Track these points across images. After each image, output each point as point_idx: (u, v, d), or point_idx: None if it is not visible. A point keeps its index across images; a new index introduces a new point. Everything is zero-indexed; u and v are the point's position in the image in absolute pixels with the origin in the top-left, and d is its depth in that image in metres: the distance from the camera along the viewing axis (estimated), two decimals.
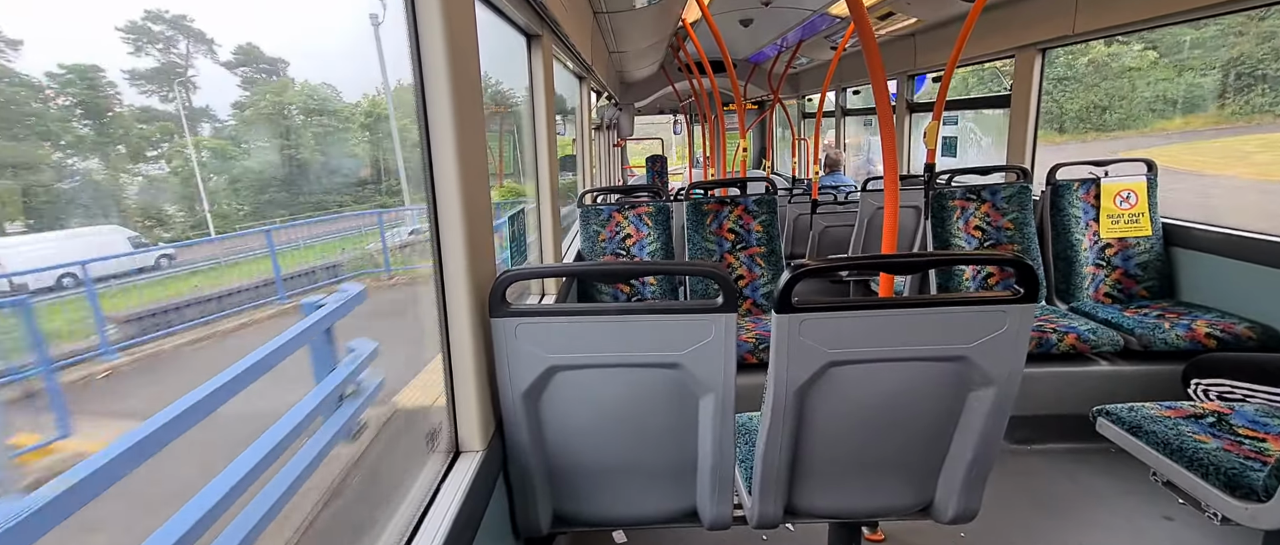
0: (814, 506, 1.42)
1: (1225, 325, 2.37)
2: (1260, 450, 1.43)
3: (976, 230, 3.00)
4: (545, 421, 1.30)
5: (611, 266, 1.27)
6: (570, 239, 3.53)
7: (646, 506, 1.43)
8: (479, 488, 1.15)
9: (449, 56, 1.07)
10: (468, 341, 1.18)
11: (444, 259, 1.15)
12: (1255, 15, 3.20)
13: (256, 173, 2.90)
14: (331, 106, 4.15)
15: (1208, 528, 2.01)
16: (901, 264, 1.34)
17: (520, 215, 2.08)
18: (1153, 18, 2.71)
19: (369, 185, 5.12)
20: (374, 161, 5.36)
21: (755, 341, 2.61)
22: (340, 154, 4.57)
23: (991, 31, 3.70)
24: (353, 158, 4.97)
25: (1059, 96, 6.89)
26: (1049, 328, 2.54)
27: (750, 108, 9.85)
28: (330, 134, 4.15)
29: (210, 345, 2.21)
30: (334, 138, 4.29)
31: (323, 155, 4.07)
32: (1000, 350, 1.18)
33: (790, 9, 4.75)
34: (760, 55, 7.10)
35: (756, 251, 3.03)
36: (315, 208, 4.01)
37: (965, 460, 1.33)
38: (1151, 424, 1.62)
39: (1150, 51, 6.23)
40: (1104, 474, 2.37)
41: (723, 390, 1.23)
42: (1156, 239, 2.85)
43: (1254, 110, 5.33)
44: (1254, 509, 1.30)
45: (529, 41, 2.16)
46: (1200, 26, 5.54)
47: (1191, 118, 5.94)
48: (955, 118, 6.06)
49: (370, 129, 5.39)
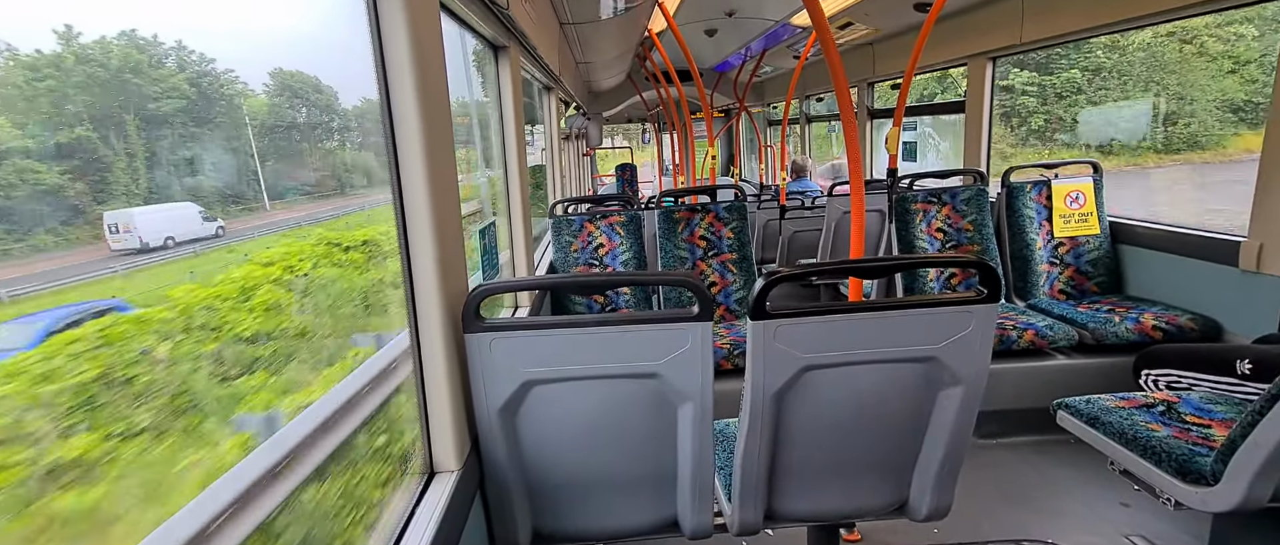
0: (793, 510, 1.43)
1: (1170, 318, 2.51)
2: (1206, 436, 1.51)
3: (939, 232, 3.10)
4: (522, 437, 1.27)
5: (586, 278, 1.27)
6: (542, 250, 3.50)
7: (626, 518, 1.41)
8: (455, 509, 1.12)
9: (415, 69, 1.05)
10: (440, 358, 1.16)
11: (414, 275, 1.12)
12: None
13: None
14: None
15: (1162, 512, 2.11)
16: (873, 268, 1.37)
17: (491, 228, 2.05)
18: (1093, 26, 2.87)
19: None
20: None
21: (730, 347, 2.63)
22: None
23: (945, 41, 3.85)
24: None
25: (1095, 96, 5.57)
26: (1009, 325, 2.64)
27: (717, 115, 9.99)
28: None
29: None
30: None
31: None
32: (967, 349, 1.22)
33: (754, 19, 4.85)
34: (726, 64, 7.22)
35: (728, 258, 3.06)
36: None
37: (937, 458, 1.37)
38: (1107, 415, 1.70)
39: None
40: (1065, 464, 2.46)
41: (701, 398, 1.23)
42: (1104, 237, 3.00)
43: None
44: (1203, 493, 1.37)
45: (496, 53, 2.14)
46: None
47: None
48: (914, 123, 6.27)
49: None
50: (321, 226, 1.38)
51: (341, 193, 1.46)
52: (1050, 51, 3.43)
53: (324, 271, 1.34)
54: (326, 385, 1.04)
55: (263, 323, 1.09)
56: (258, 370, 1.03)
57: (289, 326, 1.20)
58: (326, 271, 1.35)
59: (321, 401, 0.99)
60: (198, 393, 0.90)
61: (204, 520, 0.69)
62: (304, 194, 1.38)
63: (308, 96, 1.46)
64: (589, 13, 3.18)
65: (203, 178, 1.06)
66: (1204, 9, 2.45)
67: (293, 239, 1.28)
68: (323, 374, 1.19)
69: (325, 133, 1.54)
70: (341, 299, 1.42)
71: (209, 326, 1.00)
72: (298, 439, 0.89)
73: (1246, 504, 1.30)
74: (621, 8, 3.17)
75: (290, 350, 1.17)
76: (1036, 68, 8.20)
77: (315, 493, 0.93)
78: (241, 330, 1.05)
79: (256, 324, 1.08)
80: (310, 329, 1.27)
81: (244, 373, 1.01)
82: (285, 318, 1.19)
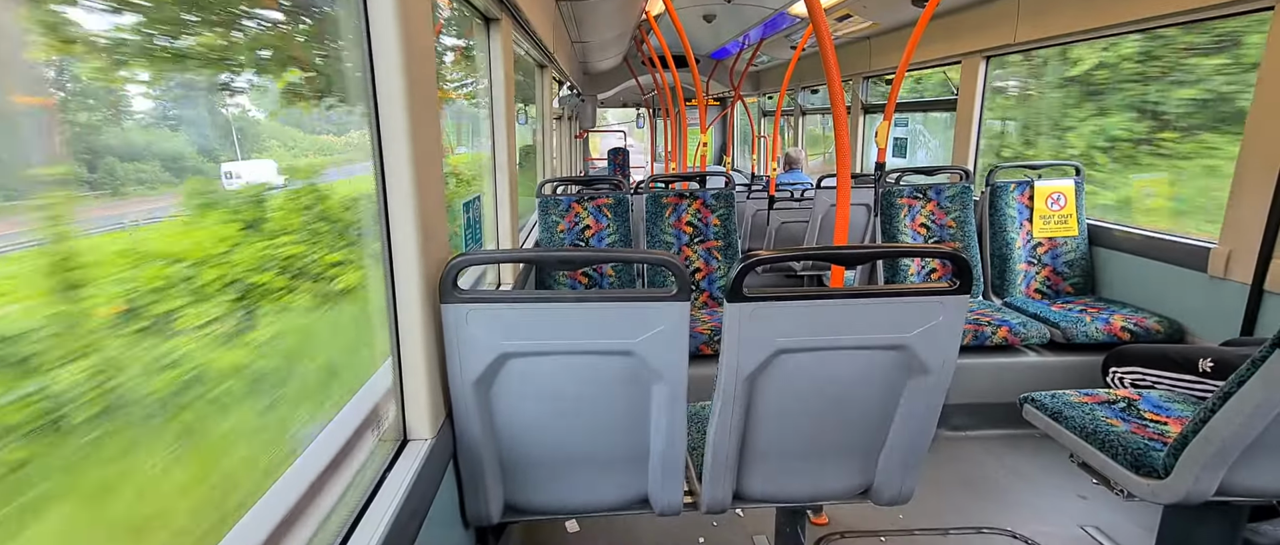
0: (762, 491, 1.47)
1: (1138, 319, 2.57)
2: (1162, 432, 1.56)
3: (922, 227, 3.14)
4: (496, 409, 1.29)
5: (568, 253, 1.27)
6: (528, 230, 3.49)
7: (598, 494, 1.44)
8: (427, 476, 1.13)
9: (401, 29, 1.03)
10: (418, 327, 1.16)
11: (393, 241, 1.12)
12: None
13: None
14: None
15: (1117, 504, 2.19)
16: (847, 256, 1.39)
17: (476, 202, 2.04)
18: (1089, 29, 2.90)
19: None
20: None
21: (710, 333, 2.66)
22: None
23: (941, 38, 3.86)
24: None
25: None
26: (984, 320, 2.69)
27: (712, 104, 9.95)
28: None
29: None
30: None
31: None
32: (936, 339, 1.25)
33: (752, 6, 4.82)
34: (723, 52, 7.18)
35: (714, 245, 3.08)
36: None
37: (903, 444, 1.40)
38: (1070, 410, 1.75)
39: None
40: (1030, 457, 2.54)
41: (675, 378, 1.25)
42: (1082, 239, 3.06)
43: None
44: (1154, 486, 1.43)
45: (487, 24, 2.11)
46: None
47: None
48: (906, 120, 6.30)
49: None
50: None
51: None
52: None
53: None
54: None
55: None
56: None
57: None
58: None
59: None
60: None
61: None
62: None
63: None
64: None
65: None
66: (1194, 17, 2.48)
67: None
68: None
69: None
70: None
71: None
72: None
73: (1192, 496, 1.35)
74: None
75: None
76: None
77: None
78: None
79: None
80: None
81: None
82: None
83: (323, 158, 1.64)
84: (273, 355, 1.21)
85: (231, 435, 1.04)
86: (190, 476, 0.90)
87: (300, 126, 1.63)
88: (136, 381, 0.84)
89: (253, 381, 1.13)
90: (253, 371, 1.13)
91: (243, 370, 1.09)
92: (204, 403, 0.97)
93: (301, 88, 1.51)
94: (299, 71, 1.46)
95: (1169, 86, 3.24)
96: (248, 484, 0.89)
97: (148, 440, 0.85)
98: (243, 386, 1.09)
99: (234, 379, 1.06)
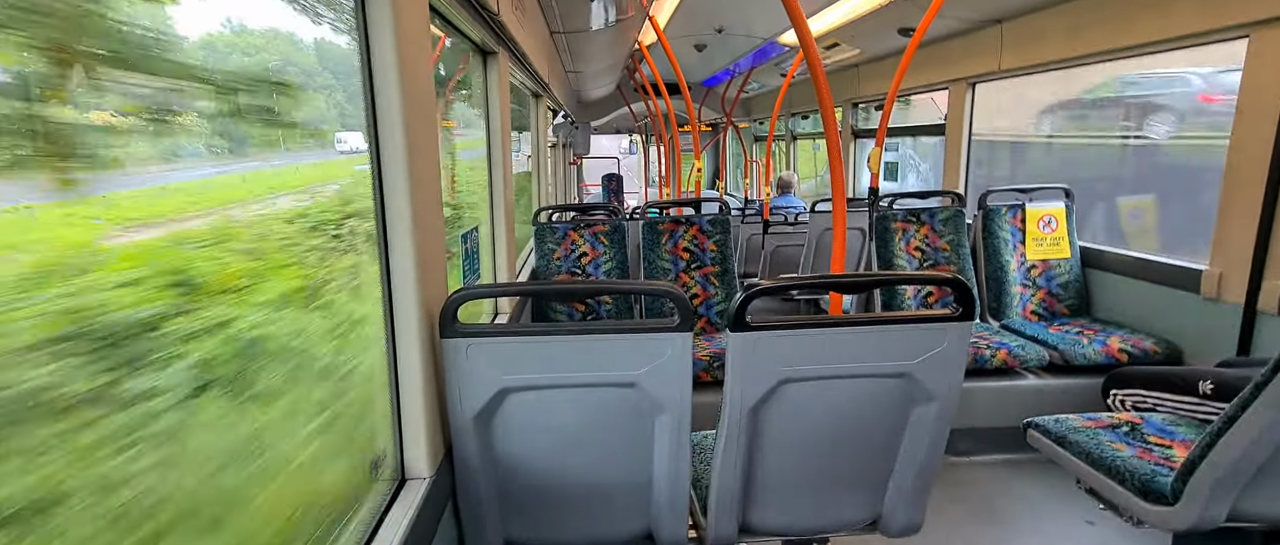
0: (768, 524, 1.43)
1: (1135, 341, 2.58)
2: (1167, 457, 1.55)
3: (917, 251, 3.16)
4: (497, 444, 1.26)
5: (567, 286, 1.27)
6: (524, 257, 3.48)
7: (601, 529, 1.40)
8: (426, 516, 1.10)
9: (400, 69, 1.04)
10: (416, 363, 1.14)
11: (392, 276, 1.11)
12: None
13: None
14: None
15: (1125, 530, 2.16)
16: (851, 284, 1.39)
17: (474, 233, 2.04)
18: (1068, 58, 2.98)
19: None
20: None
21: (709, 359, 2.64)
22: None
23: (927, 65, 3.96)
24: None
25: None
26: (983, 344, 2.69)
27: (705, 129, 10.09)
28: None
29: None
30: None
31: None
32: (941, 366, 1.24)
33: (742, 36, 4.93)
34: (714, 79, 7.31)
35: (711, 271, 3.08)
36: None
37: (911, 474, 1.38)
38: (1074, 434, 1.74)
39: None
40: (1035, 483, 2.51)
41: (679, 409, 1.23)
42: (1075, 261, 3.08)
43: None
44: (1164, 512, 1.41)
45: (485, 58, 2.14)
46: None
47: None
48: (896, 144, 6.40)
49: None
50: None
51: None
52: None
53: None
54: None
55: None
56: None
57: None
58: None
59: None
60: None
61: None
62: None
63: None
64: (580, 22, 3.20)
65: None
66: (1177, 46, 2.55)
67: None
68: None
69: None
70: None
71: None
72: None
73: (1203, 523, 1.33)
74: (612, 19, 3.20)
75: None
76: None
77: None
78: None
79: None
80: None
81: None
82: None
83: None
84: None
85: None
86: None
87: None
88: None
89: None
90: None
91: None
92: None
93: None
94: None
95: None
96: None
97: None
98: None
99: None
